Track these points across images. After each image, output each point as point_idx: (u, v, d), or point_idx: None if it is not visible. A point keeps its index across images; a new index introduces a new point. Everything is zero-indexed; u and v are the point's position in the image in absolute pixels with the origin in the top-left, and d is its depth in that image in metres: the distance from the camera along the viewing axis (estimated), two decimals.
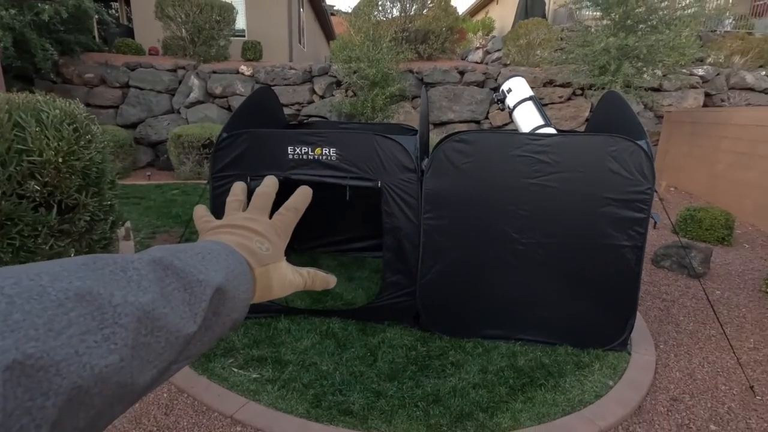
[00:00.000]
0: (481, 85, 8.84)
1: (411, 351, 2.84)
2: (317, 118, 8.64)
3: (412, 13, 9.73)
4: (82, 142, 2.34)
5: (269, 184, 0.51)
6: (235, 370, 2.60)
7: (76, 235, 2.52)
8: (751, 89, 8.90)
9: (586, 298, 2.82)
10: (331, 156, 2.75)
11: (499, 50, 10.60)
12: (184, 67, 8.72)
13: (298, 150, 2.75)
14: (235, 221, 0.46)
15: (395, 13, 9.75)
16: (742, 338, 3.14)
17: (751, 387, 2.57)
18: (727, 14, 12.13)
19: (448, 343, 2.92)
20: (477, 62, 10.98)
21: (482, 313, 2.96)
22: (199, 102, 8.70)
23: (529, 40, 9.32)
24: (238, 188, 0.52)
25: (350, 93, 8.60)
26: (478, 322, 2.97)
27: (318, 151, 2.74)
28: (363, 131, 2.81)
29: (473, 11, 19.32)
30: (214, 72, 8.71)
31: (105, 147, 2.60)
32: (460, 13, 14.90)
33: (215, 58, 9.13)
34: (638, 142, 2.58)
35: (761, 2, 13.68)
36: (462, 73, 8.89)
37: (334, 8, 22.47)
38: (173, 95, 8.74)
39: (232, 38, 9.83)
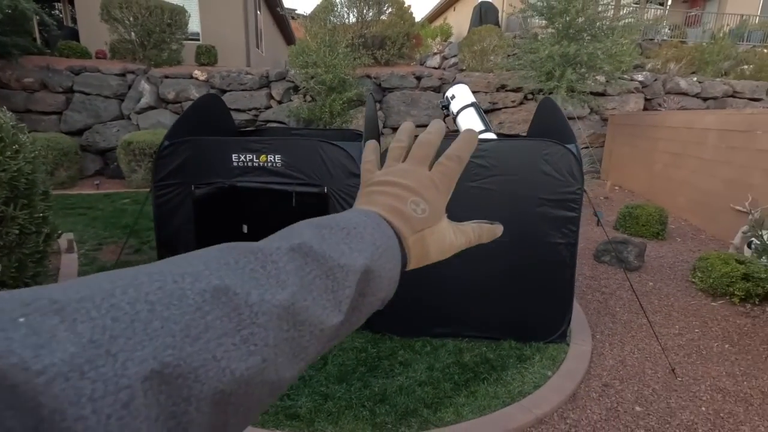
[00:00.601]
0: (437, 90, 9.06)
1: (362, 353, 2.89)
2: (276, 124, 8.57)
3: (369, 19, 9.84)
4: (9, 153, 2.24)
5: (433, 131, 0.46)
6: None
7: (5, 250, 2.41)
8: (685, 94, 9.59)
9: (527, 294, 2.97)
10: (276, 163, 2.77)
11: (455, 56, 10.88)
12: (133, 72, 8.42)
13: (242, 157, 2.75)
14: (390, 176, 0.42)
15: (352, 18, 9.82)
16: (669, 325, 3.40)
17: (673, 369, 2.79)
18: (664, 23, 13.04)
19: (398, 344, 2.99)
20: (435, 67, 11.24)
21: (431, 313, 3.05)
22: (150, 107, 8.42)
23: (483, 47, 9.63)
24: (404, 133, 0.47)
25: (308, 98, 8.59)
26: (427, 322, 3.06)
27: (263, 158, 2.75)
28: (308, 138, 2.84)
29: (432, 17, 19.73)
30: (167, 77, 8.46)
31: (36, 157, 2.51)
32: (419, 19, 15.21)
33: (167, 62, 8.87)
34: (567, 146, 2.76)
35: (693, 13, 14.79)
36: (419, 78, 9.07)
37: (296, 12, 22.34)
38: (122, 101, 8.42)
39: (185, 42, 9.59)
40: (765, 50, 11.10)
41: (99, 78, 8.25)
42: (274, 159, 2.76)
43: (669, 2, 14.45)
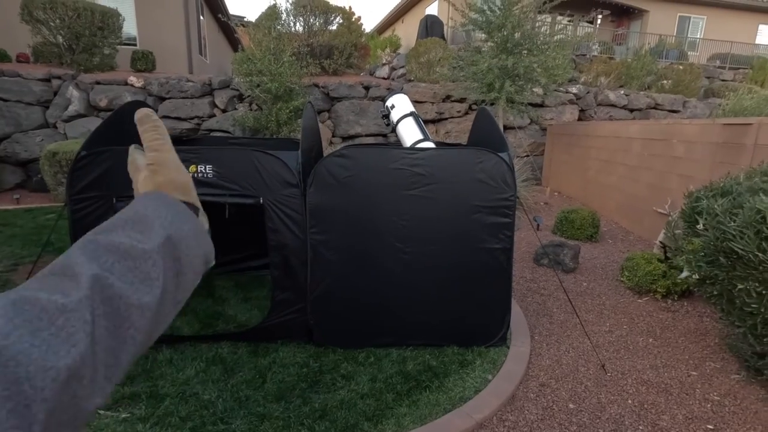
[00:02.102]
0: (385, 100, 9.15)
1: (303, 368, 2.80)
2: (220, 133, 8.28)
3: (316, 28, 9.81)
4: None
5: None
6: (101, 412, 2.34)
7: None
8: (614, 105, 10.35)
9: (467, 299, 3.02)
10: (207, 173, 2.64)
11: (403, 67, 11.09)
12: (60, 77, 7.82)
13: None
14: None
15: (299, 27, 9.75)
16: (601, 323, 3.58)
17: (603, 366, 2.93)
18: (594, 41, 14.04)
19: (341, 356, 2.93)
20: (384, 77, 11.39)
21: (374, 323, 3.02)
22: (80, 115, 7.85)
23: (429, 58, 9.89)
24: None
25: (254, 107, 8.38)
26: (371, 332, 3.03)
27: (193, 168, 2.62)
28: (242, 147, 2.74)
29: (381, 29, 20.05)
30: (98, 83, 7.93)
31: None
32: (368, 30, 15.37)
33: (99, 67, 8.34)
34: (500, 155, 2.85)
35: (620, 32, 16.08)
36: (367, 88, 9.14)
37: (245, 19, 21.82)
38: (47, 108, 7.79)
39: (120, 46, 9.07)
40: (680, 67, 12.23)
41: (19, 83, 7.59)
42: (205, 169, 2.64)
43: (598, 21, 15.62)
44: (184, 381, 2.61)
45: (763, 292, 2.32)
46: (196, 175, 2.63)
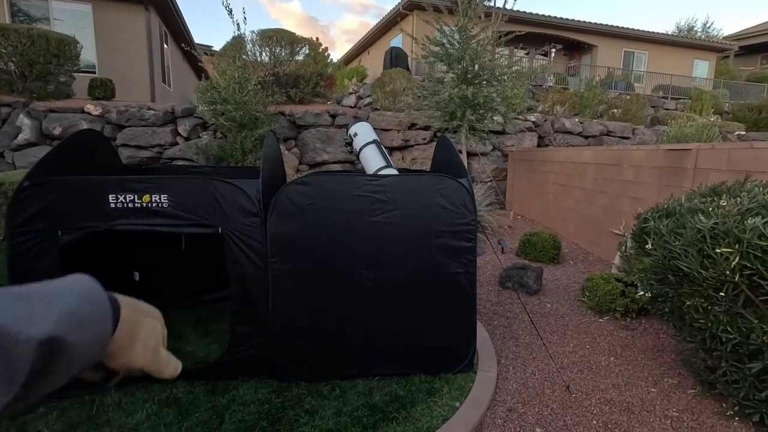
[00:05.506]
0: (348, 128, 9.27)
1: (264, 405, 2.66)
2: (183, 161, 8.10)
3: (282, 58, 9.93)
4: None
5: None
6: None
7: None
8: (570, 132, 10.92)
9: (433, 326, 3.00)
10: (162, 203, 2.55)
11: (369, 96, 11.34)
12: (9, 105, 7.49)
13: (121, 198, 2.50)
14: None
15: (264, 57, 9.84)
16: (564, 343, 3.64)
17: (568, 387, 2.96)
18: (549, 72, 14.90)
19: (305, 390, 2.82)
20: (351, 106, 11.60)
21: (339, 354, 2.94)
22: (31, 144, 7.50)
23: (394, 88, 10.17)
24: None
25: (218, 135, 8.28)
26: (336, 363, 2.94)
27: (146, 198, 2.53)
28: (199, 176, 2.68)
29: (348, 59, 20.56)
30: (52, 110, 7.64)
31: None
32: (335, 61, 15.71)
33: (53, 95, 8.06)
34: (460, 180, 2.92)
35: (572, 64, 17.18)
36: (334, 116, 9.25)
37: (212, 48, 21.83)
38: None
39: (77, 74, 8.84)
40: (628, 97, 13.13)
41: None
42: (160, 199, 2.55)
43: (552, 54, 16.65)
44: (133, 426, 2.42)
45: (708, 307, 2.43)
46: (150, 204, 2.54)
